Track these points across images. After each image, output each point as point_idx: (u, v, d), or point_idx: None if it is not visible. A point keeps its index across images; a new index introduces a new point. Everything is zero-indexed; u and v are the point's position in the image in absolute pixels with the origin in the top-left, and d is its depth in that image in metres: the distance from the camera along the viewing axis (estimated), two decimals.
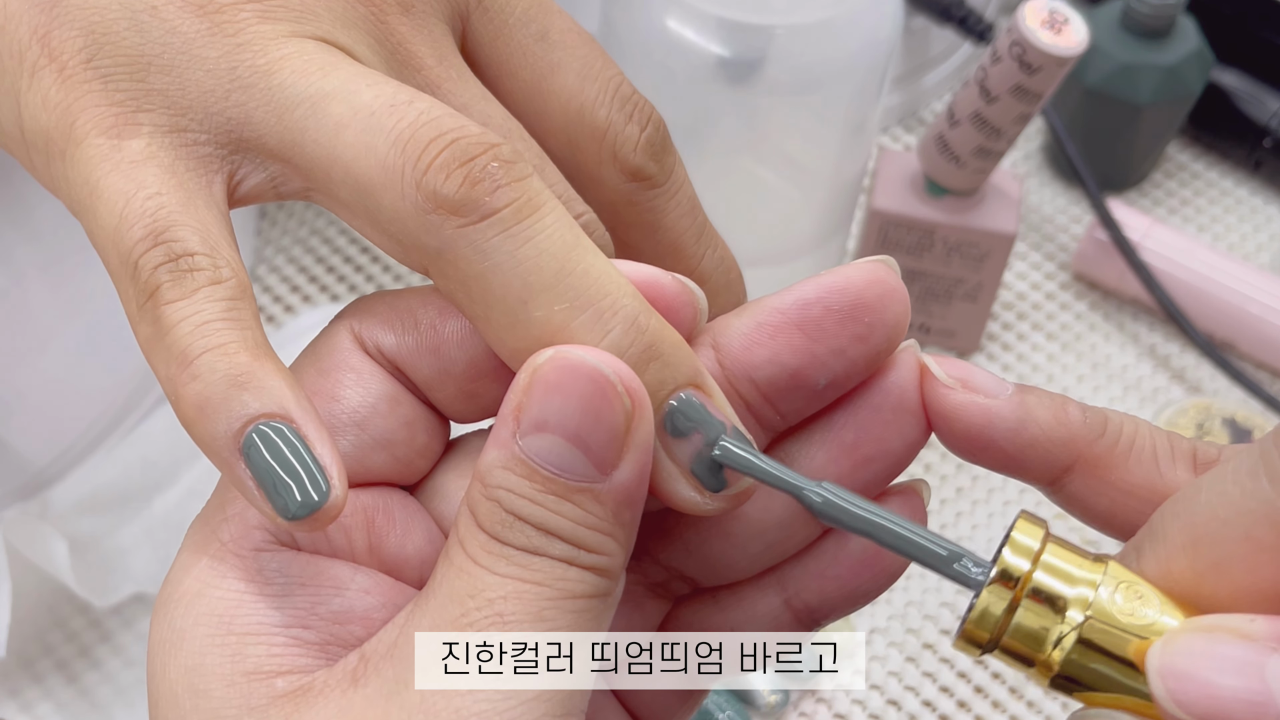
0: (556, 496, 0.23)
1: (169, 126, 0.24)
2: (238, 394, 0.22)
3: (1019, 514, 0.24)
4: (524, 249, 0.23)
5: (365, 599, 0.24)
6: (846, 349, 0.25)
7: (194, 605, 0.23)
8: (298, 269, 0.62)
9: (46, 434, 0.51)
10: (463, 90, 0.27)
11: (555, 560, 0.22)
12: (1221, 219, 0.68)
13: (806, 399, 0.25)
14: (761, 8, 0.48)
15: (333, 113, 0.24)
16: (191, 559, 0.24)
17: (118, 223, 0.23)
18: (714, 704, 0.48)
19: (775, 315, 0.25)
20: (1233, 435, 0.54)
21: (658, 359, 0.23)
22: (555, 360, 0.23)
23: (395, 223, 0.23)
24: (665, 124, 0.29)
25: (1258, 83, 0.67)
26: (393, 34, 0.27)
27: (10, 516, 0.48)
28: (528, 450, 0.22)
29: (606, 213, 0.29)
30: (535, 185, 0.23)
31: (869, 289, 0.24)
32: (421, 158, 0.23)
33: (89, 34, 0.24)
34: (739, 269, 0.31)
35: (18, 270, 0.48)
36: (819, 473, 0.26)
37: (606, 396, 0.22)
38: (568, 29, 0.29)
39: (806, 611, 0.27)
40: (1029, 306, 0.64)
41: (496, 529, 0.23)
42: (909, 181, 0.57)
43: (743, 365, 0.25)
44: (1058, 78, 0.51)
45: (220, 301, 0.23)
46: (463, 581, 0.23)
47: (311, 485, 0.22)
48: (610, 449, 0.23)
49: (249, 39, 0.25)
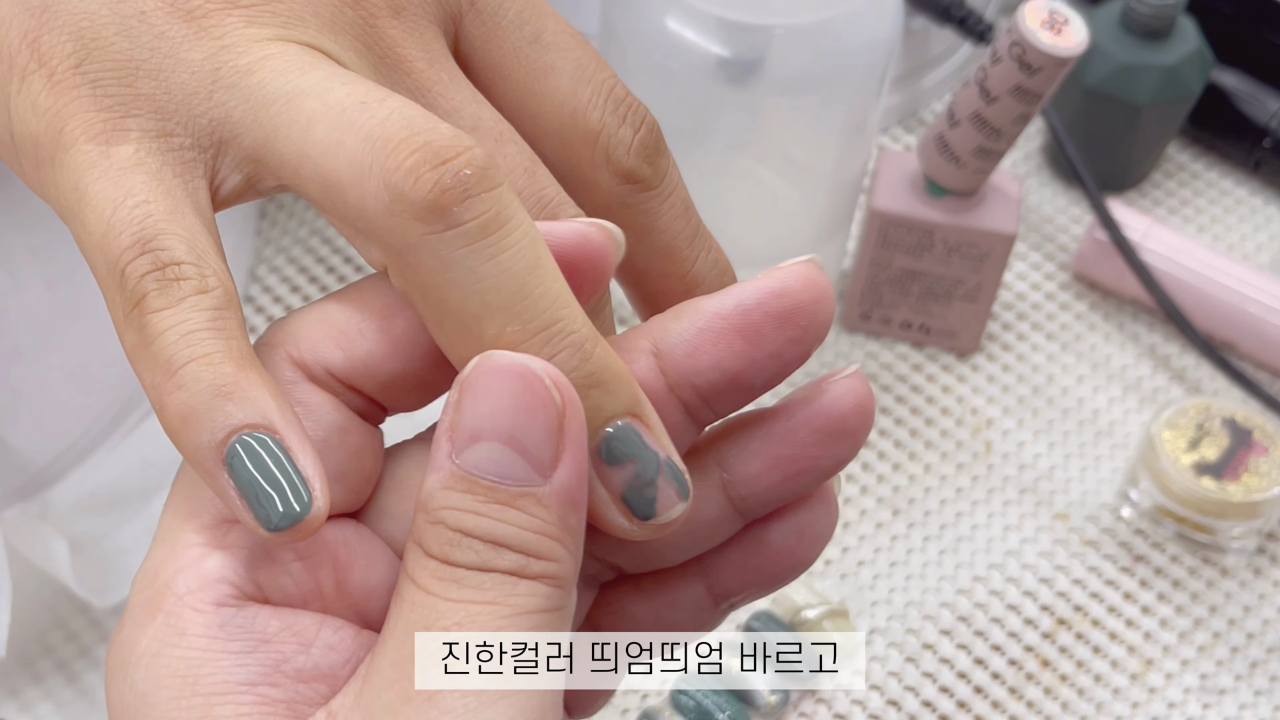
0: (500, 505, 0.22)
1: (156, 131, 0.24)
2: (222, 404, 0.22)
3: None
4: (486, 266, 0.23)
5: (330, 655, 0.24)
6: (783, 352, 0.25)
7: (154, 666, 0.23)
8: (298, 269, 0.62)
9: (46, 434, 0.51)
10: (454, 93, 0.27)
11: (505, 575, 0.22)
12: (1221, 219, 0.68)
13: (742, 398, 0.26)
14: (761, 8, 0.48)
15: (305, 109, 0.24)
16: (145, 616, 0.23)
17: (105, 230, 0.23)
18: (714, 704, 0.48)
19: (717, 321, 0.25)
20: (1233, 435, 0.54)
21: (599, 386, 0.23)
22: (481, 365, 0.23)
23: (361, 220, 0.23)
24: (659, 127, 0.29)
25: (1258, 83, 0.67)
26: (382, 38, 0.27)
27: (10, 516, 0.48)
28: (466, 464, 0.22)
29: (600, 215, 0.29)
30: (505, 197, 0.23)
31: (804, 292, 0.25)
32: (391, 157, 0.23)
33: (79, 39, 0.24)
34: (734, 272, 0.31)
35: (17, 270, 0.48)
36: (753, 480, 0.26)
37: (535, 391, 0.22)
38: (561, 31, 0.29)
39: (724, 595, 0.28)
40: (1029, 306, 0.64)
41: (445, 550, 0.22)
42: (909, 181, 0.57)
43: (684, 371, 0.25)
44: (1058, 78, 0.51)
45: (206, 311, 0.23)
46: (417, 615, 0.22)
47: (294, 496, 0.22)
48: (546, 447, 0.23)
49: (233, 41, 0.25)
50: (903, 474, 0.57)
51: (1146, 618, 0.53)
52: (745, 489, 0.26)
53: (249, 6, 0.25)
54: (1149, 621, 0.53)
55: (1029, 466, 0.58)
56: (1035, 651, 0.52)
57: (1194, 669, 0.52)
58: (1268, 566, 0.55)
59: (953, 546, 0.55)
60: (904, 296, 0.59)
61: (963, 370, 0.61)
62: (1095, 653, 0.52)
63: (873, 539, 0.55)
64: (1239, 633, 0.53)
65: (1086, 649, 0.53)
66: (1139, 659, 0.52)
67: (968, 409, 0.59)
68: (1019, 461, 0.58)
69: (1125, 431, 0.59)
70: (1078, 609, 0.54)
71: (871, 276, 0.59)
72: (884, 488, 0.57)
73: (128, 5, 0.25)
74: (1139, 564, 0.55)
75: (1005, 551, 0.55)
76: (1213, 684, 0.52)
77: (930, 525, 0.56)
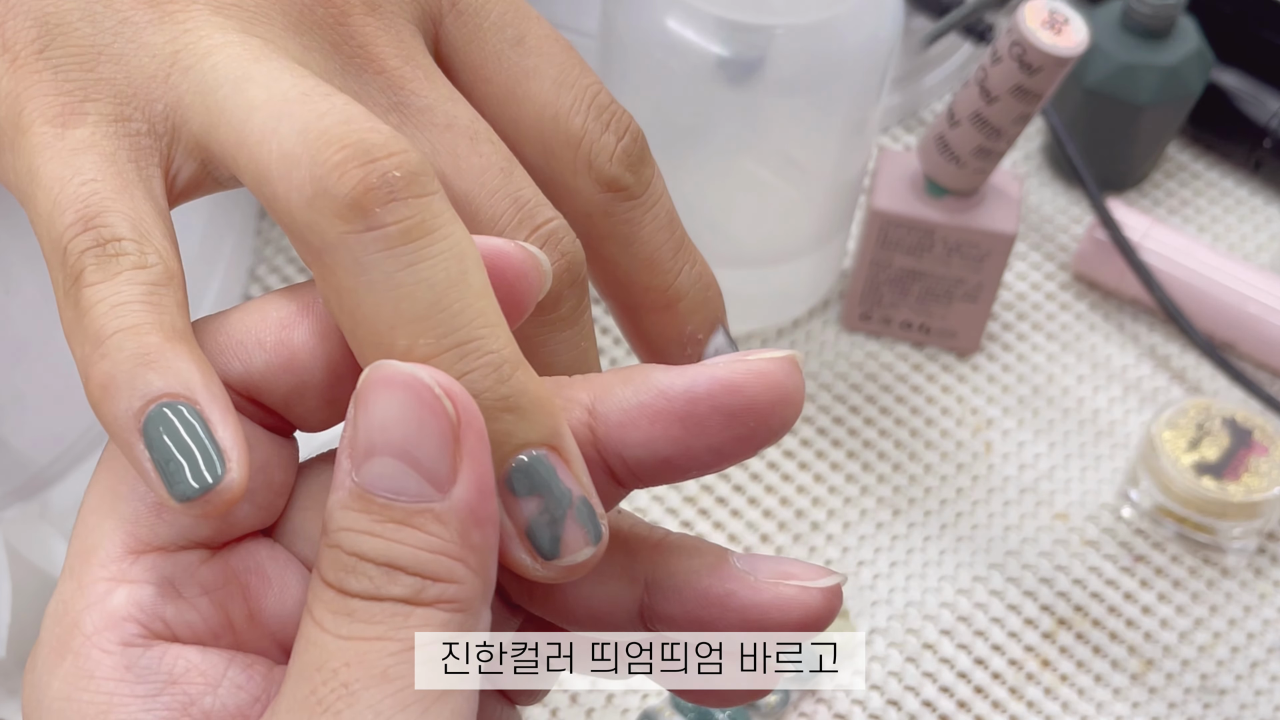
0: (395, 524, 0.21)
1: (113, 116, 0.24)
2: (143, 373, 0.22)
3: None
4: (403, 273, 0.22)
5: (238, 694, 0.23)
6: (723, 447, 0.23)
7: (66, 711, 0.22)
8: (298, 269, 0.62)
9: (46, 434, 0.51)
10: (429, 90, 0.27)
11: (397, 603, 0.21)
12: (1221, 219, 0.68)
13: (672, 477, 0.24)
14: (761, 8, 0.48)
15: (249, 95, 0.23)
16: (55, 657, 0.23)
17: (51, 208, 0.23)
18: None
19: (660, 400, 0.23)
20: (1233, 435, 0.54)
21: (513, 411, 0.22)
22: (371, 377, 0.21)
23: (285, 214, 0.23)
24: (644, 135, 0.29)
25: (1258, 83, 0.67)
26: (354, 35, 0.26)
27: (10, 516, 0.48)
28: (363, 481, 0.21)
29: (581, 223, 0.28)
30: (435, 205, 0.22)
31: (764, 394, 0.23)
32: (321, 151, 0.22)
33: (42, 24, 0.24)
34: (718, 286, 0.30)
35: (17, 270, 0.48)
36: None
37: (425, 402, 0.21)
38: (544, 35, 0.29)
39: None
40: (1029, 306, 0.64)
41: (340, 578, 0.21)
42: (909, 181, 0.57)
43: (615, 441, 0.24)
44: (1058, 78, 0.51)
45: (141, 285, 0.22)
46: (311, 654, 0.21)
47: (206, 466, 0.21)
48: (441, 460, 0.21)
49: (195, 25, 0.25)
50: (903, 474, 0.57)
51: (1147, 618, 0.53)
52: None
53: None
54: (1149, 621, 0.53)
55: (1029, 466, 0.58)
56: (1035, 651, 0.52)
57: (1194, 669, 0.52)
58: (1268, 566, 0.55)
59: (953, 546, 0.55)
60: (904, 296, 0.59)
61: (963, 370, 0.61)
62: (1095, 653, 0.52)
63: (873, 539, 0.55)
64: (1239, 633, 0.53)
65: (1087, 649, 0.53)
66: (1139, 659, 0.52)
67: (968, 409, 0.59)
68: (1019, 461, 0.58)
69: (1125, 431, 0.59)
70: (1078, 609, 0.54)
71: (871, 276, 0.59)
72: (884, 488, 0.56)
73: None
74: (1139, 564, 0.55)
75: (1005, 551, 0.55)
76: (1213, 684, 0.52)
77: (930, 525, 0.56)
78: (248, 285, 0.61)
